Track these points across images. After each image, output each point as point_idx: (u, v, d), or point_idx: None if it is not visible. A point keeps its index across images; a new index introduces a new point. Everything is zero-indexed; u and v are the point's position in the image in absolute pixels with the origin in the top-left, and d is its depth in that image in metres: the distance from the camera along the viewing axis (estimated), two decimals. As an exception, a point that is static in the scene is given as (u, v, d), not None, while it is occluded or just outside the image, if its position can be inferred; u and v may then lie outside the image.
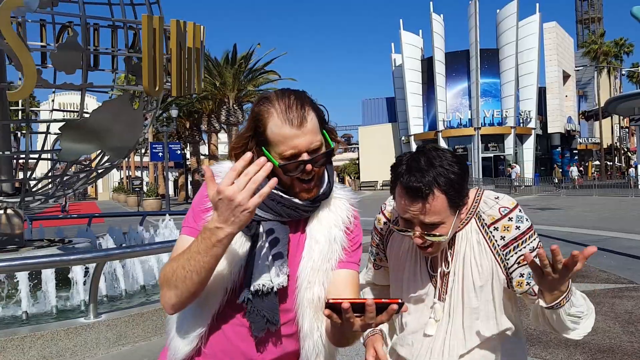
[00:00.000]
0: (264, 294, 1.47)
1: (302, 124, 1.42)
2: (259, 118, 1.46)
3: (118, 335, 4.98)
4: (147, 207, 31.17)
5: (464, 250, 1.63)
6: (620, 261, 8.75)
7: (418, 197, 1.47)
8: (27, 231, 9.32)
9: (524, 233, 1.57)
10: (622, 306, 5.96)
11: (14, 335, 4.54)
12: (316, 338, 1.54)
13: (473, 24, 45.30)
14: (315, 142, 1.45)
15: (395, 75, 51.41)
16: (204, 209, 1.51)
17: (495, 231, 1.59)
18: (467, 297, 1.61)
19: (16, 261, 4.96)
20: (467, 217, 1.64)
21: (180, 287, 1.38)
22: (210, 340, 1.53)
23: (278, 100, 1.45)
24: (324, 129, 1.51)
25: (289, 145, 1.42)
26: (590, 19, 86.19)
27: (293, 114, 1.42)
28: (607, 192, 29.87)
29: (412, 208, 1.49)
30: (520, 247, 1.57)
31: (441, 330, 1.64)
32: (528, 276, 1.55)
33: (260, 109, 1.47)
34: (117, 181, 60.51)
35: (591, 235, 12.11)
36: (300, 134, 1.42)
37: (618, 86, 66.91)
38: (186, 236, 1.52)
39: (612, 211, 19.02)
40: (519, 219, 1.58)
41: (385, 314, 1.19)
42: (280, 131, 1.42)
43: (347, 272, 1.57)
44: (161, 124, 34.98)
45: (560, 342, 4.80)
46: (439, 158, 1.49)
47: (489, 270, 1.59)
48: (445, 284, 1.65)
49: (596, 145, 61.64)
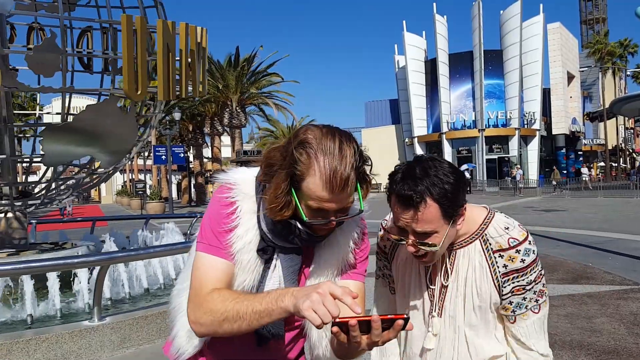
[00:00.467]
0: None
1: (344, 190, 1.34)
2: (297, 166, 1.34)
3: (122, 338, 4.98)
4: (150, 210, 31.27)
5: (465, 269, 1.64)
6: (626, 263, 8.71)
7: (409, 205, 1.47)
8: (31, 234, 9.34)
9: (528, 266, 1.60)
10: (627, 308, 5.93)
11: (19, 338, 4.55)
12: (325, 346, 1.56)
13: (477, 25, 45.28)
14: (348, 203, 1.40)
15: (399, 77, 51.44)
16: (226, 230, 1.47)
17: (500, 258, 1.61)
18: (467, 316, 1.64)
19: (21, 264, 4.98)
20: (472, 238, 1.65)
21: (224, 327, 1.36)
22: (215, 344, 1.55)
23: (323, 155, 1.33)
24: (360, 184, 1.41)
25: (321, 205, 1.36)
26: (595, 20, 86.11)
27: (338, 176, 1.31)
28: (612, 194, 29.76)
29: (404, 216, 1.49)
30: (519, 279, 1.60)
31: (447, 346, 1.67)
32: (516, 305, 1.63)
33: (300, 157, 1.34)
34: (120, 184, 60.61)
35: (596, 236, 12.06)
36: (337, 199, 1.36)
37: (623, 87, 66.73)
38: (211, 256, 1.47)
39: (618, 212, 18.95)
40: (527, 252, 1.59)
41: (392, 331, 1.18)
42: (317, 192, 1.34)
43: (353, 284, 1.57)
44: (164, 127, 35.00)
45: (564, 343, 4.78)
46: (434, 168, 1.49)
47: (487, 293, 1.63)
48: (442, 298, 1.66)
49: (601, 146, 61.44)
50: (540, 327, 1.66)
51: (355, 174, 1.36)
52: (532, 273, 1.61)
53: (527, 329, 1.64)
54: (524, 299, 1.62)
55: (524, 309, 1.63)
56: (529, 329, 1.64)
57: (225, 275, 1.47)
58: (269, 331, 1.51)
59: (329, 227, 1.45)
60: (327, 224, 1.41)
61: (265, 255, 1.50)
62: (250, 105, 39.30)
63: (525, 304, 1.63)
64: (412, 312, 1.72)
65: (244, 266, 1.49)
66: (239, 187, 1.52)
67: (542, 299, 1.65)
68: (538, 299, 1.64)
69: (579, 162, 55.99)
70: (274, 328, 1.51)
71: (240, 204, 1.50)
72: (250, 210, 1.50)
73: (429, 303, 1.69)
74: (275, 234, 1.47)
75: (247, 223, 1.49)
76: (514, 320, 1.65)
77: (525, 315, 1.63)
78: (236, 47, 37.75)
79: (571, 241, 11.28)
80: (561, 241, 11.34)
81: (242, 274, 1.48)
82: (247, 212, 1.49)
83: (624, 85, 67.96)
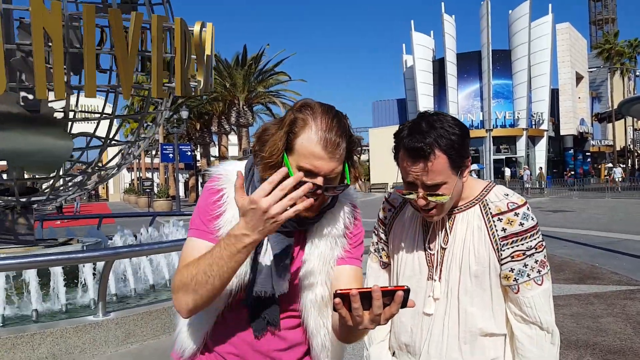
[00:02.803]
0: (267, 298, 1.50)
1: (335, 151, 1.39)
2: (294, 124, 1.42)
3: (127, 334, 4.99)
4: (157, 208, 31.34)
5: (463, 233, 1.64)
6: (632, 263, 8.66)
7: (420, 157, 1.50)
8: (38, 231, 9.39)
9: (526, 231, 1.59)
10: (634, 308, 5.89)
11: (24, 332, 4.57)
12: (323, 335, 1.57)
13: (485, 24, 45.14)
14: (336, 172, 1.43)
15: (406, 76, 51.36)
16: (214, 216, 1.52)
17: (499, 222, 1.60)
18: (463, 280, 1.62)
19: (26, 258, 5.00)
20: (472, 203, 1.66)
21: (200, 291, 1.38)
22: (216, 336, 1.57)
23: (320, 116, 1.41)
24: (348, 162, 1.49)
25: (312, 164, 1.39)
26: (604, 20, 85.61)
27: (331, 136, 1.39)
28: (620, 195, 29.57)
29: (414, 169, 1.52)
30: (518, 243, 1.59)
31: (439, 310, 1.64)
32: (517, 272, 1.59)
33: (299, 117, 1.42)
34: (128, 182, 60.86)
35: (603, 237, 11.99)
36: (327, 159, 1.39)
37: (632, 87, 66.22)
38: (196, 239, 1.52)
39: (625, 213, 18.83)
40: (525, 216, 1.59)
41: (393, 305, 1.17)
42: (311, 147, 1.39)
43: (350, 268, 1.58)
44: (172, 126, 35.11)
45: (570, 342, 4.75)
46: (439, 121, 1.53)
47: (485, 258, 1.61)
48: (440, 262, 1.65)
49: (609, 147, 61.07)
50: (546, 300, 1.61)
51: (346, 140, 1.43)
52: (532, 239, 1.59)
53: (532, 299, 1.59)
54: (525, 265, 1.59)
55: (526, 277, 1.60)
56: (534, 299, 1.59)
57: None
58: (263, 317, 1.52)
59: (316, 201, 1.45)
60: (313, 192, 1.41)
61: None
62: (257, 104, 39.32)
63: (527, 272, 1.59)
64: (409, 279, 1.70)
65: None
66: (227, 176, 1.56)
67: (545, 270, 1.62)
68: (540, 270, 1.61)
69: (586, 163, 55.70)
70: (269, 315, 1.52)
71: (227, 191, 1.53)
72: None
73: (427, 268, 1.68)
74: None
75: (234, 209, 1.48)
76: (517, 290, 1.61)
77: (529, 285, 1.60)
78: (244, 46, 37.93)
79: (578, 241, 11.21)
80: (568, 241, 11.28)
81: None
82: (234, 200, 1.49)
83: (633, 86, 67.44)
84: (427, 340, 1.65)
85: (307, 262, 1.56)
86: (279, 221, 1.26)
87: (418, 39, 48.48)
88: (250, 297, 1.50)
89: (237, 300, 1.53)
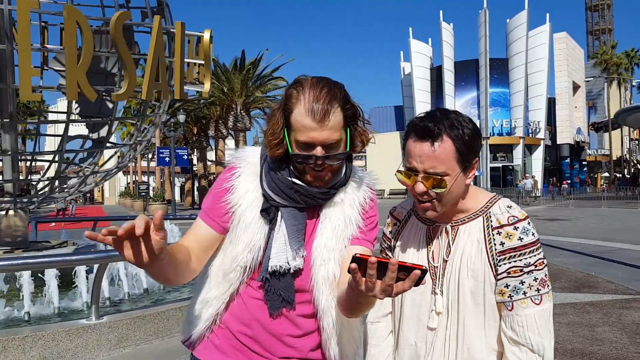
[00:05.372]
0: (280, 274, 1.54)
1: (324, 119, 1.44)
2: (287, 99, 1.50)
3: (119, 338, 4.95)
4: (153, 212, 31.10)
5: (463, 244, 1.60)
6: (628, 272, 8.64)
7: (427, 136, 1.47)
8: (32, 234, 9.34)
9: (525, 246, 1.52)
10: (630, 317, 5.87)
11: (15, 335, 4.52)
12: (335, 314, 1.57)
13: (483, 33, 45.30)
14: (332, 139, 1.47)
15: (404, 83, 51.43)
16: (222, 190, 1.60)
17: (498, 235, 1.55)
18: (461, 294, 1.58)
19: (19, 260, 4.96)
20: (475, 214, 1.62)
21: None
22: (230, 315, 1.60)
23: (309, 89, 1.48)
24: (350, 129, 1.53)
25: (306, 136, 1.46)
26: (601, 30, 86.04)
27: (318, 106, 1.44)
28: (617, 204, 29.64)
29: (419, 149, 1.48)
30: (516, 259, 1.52)
31: (442, 324, 1.61)
32: (512, 289, 1.52)
33: (291, 93, 1.50)
34: (123, 186, 60.69)
35: (599, 246, 11.98)
36: (318, 129, 1.45)
37: (628, 98, 66.53)
38: (199, 220, 1.61)
39: (621, 222, 18.85)
40: (525, 231, 1.53)
41: (407, 281, 1.14)
42: (301, 120, 1.46)
43: (360, 249, 1.59)
44: (168, 129, 35.05)
45: (566, 351, 4.73)
46: (454, 113, 1.53)
47: (480, 271, 1.55)
48: (442, 275, 1.61)
49: (605, 157, 61.26)
50: (542, 322, 1.51)
51: (340, 110, 1.48)
52: (531, 256, 1.51)
53: (525, 318, 1.50)
54: (522, 282, 1.51)
55: (521, 295, 1.51)
56: (527, 319, 1.50)
57: (200, 237, 1.58)
58: (279, 295, 1.55)
59: (318, 170, 1.50)
60: (314, 164, 1.49)
61: (268, 215, 1.56)
62: (255, 108, 39.29)
63: (524, 290, 1.51)
64: (413, 292, 1.61)
65: (249, 222, 1.57)
66: (242, 155, 1.66)
67: (545, 290, 1.52)
68: (540, 289, 1.51)
69: (583, 172, 55.82)
70: (284, 292, 1.55)
71: (241, 170, 1.62)
72: (252, 174, 1.61)
73: (430, 281, 1.63)
74: (276, 192, 1.56)
75: (248, 184, 1.60)
76: (511, 307, 1.52)
77: (524, 303, 1.50)
78: (242, 51, 37.96)
79: (574, 250, 11.20)
80: (564, 250, 11.26)
81: (249, 230, 1.56)
82: (248, 176, 1.61)
83: (629, 96, 67.76)
84: (430, 355, 1.61)
85: (320, 238, 1.58)
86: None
87: (416, 47, 48.58)
88: (266, 273, 1.54)
89: (252, 279, 1.57)
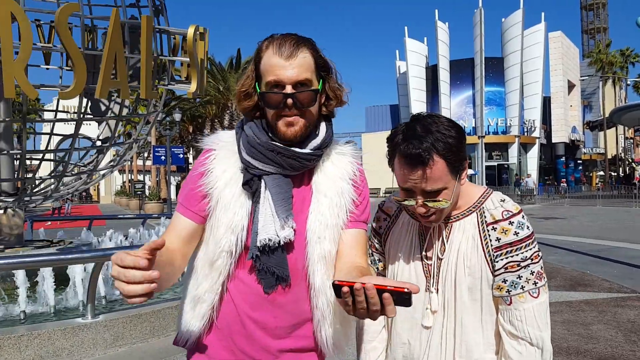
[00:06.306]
0: (271, 249, 1.47)
1: (291, 56, 1.44)
2: (258, 52, 1.52)
3: (115, 336, 4.94)
4: (148, 210, 31.13)
5: (458, 241, 1.58)
6: (623, 270, 8.68)
7: (418, 163, 1.43)
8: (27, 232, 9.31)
9: (521, 240, 1.51)
10: (625, 315, 5.90)
11: (11, 334, 4.51)
12: (330, 294, 1.50)
13: (478, 32, 45.35)
14: (301, 76, 1.46)
15: (400, 82, 51.49)
16: (197, 174, 1.55)
17: (493, 231, 1.54)
18: (458, 292, 1.56)
19: (14, 259, 4.94)
20: (469, 210, 1.60)
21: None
22: (221, 313, 1.53)
23: (278, 37, 1.50)
24: (323, 81, 1.53)
25: (274, 74, 1.45)
26: (596, 29, 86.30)
27: (285, 47, 1.45)
28: (612, 202, 29.74)
29: (412, 176, 1.46)
30: (512, 254, 1.51)
31: (437, 322, 1.58)
32: (510, 284, 1.51)
33: (262, 44, 1.51)
34: (119, 184, 60.51)
35: (594, 244, 12.03)
36: (286, 65, 1.44)
37: (623, 97, 66.74)
38: (178, 214, 1.55)
39: (616, 221, 18.93)
40: (520, 225, 1.52)
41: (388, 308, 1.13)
42: (269, 61, 1.46)
43: (355, 232, 1.58)
44: (164, 128, 34.99)
45: (561, 349, 4.75)
46: (435, 124, 1.48)
47: (477, 268, 1.54)
48: (437, 273, 1.59)
49: (600, 155, 61.45)
50: (541, 315, 1.51)
51: (310, 55, 1.48)
52: (527, 249, 1.51)
53: (524, 312, 1.50)
54: (519, 277, 1.51)
55: (519, 289, 1.51)
56: (526, 313, 1.50)
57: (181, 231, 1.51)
58: (272, 273, 1.49)
59: (287, 106, 1.46)
60: (284, 103, 1.45)
61: (251, 189, 1.50)
62: (250, 107, 39.27)
63: (522, 284, 1.51)
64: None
65: (228, 201, 1.50)
66: (217, 137, 1.62)
67: (541, 283, 1.53)
68: (536, 282, 1.52)
69: (578, 171, 55.99)
70: (278, 268, 1.49)
71: (217, 152, 1.57)
72: (229, 152, 1.57)
73: (424, 279, 1.60)
74: (256, 157, 1.51)
75: (225, 163, 1.55)
76: (509, 302, 1.52)
77: (522, 297, 1.51)
78: (237, 50, 37.89)
79: (569, 248, 11.23)
80: (559, 248, 11.29)
81: (229, 209, 1.49)
82: (225, 155, 1.57)
83: (624, 94, 67.98)
84: (426, 353, 1.59)
85: (314, 213, 1.53)
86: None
87: (411, 46, 48.61)
88: (255, 249, 1.47)
89: (241, 262, 1.50)
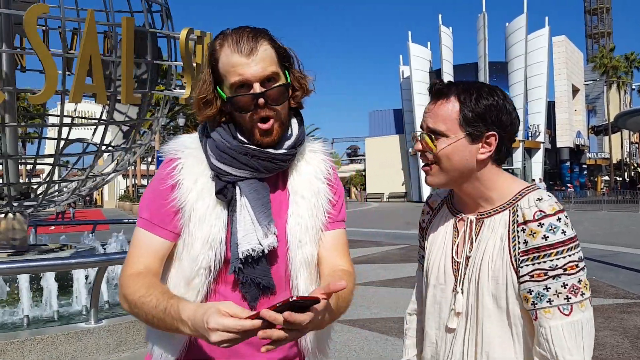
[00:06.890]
0: (254, 260, 1.39)
1: (252, 52, 1.36)
2: (212, 54, 1.41)
3: (118, 341, 4.93)
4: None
5: (486, 240, 1.45)
6: (630, 276, 8.64)
7: (435, 96, 1.46)
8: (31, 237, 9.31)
9: (551, 246, 1.31)
10: (631, 321, 5.85)
11: (14, 339, 4.51)
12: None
13: (482, 36, 45.32)
14: (267, 71, 1.37)
15: (403, 87, 51.43)
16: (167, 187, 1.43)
17: (522, 232, 1.36)
18: (481, 295, 1.42)
19: (18, 263, 4.94)
20: (502, 207, 1.46)
21: (141, 317, 1.34)
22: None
23: (231, 33, 1.40)
24: (287, 69, 1.44)
25: (237, 73, 1.36)
26: (600, 34, 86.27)
27: (243, 42, 1.36)
28: (617, 207, 29.62)
29: (427, 108, 1.49)
30: (540, 260, 1.32)
31: (461, 326, 1.47)
32: (536, 296, 1.33)
33: (214, 44, 1.41)
34: (123, 189, 60.62)
35: (600, 250, 11.97)
36: (249, 62, 1.35)
37: (628, 101, 66.66)
38: (144, 231, 1.44)
39: (622, 226, 18.84)
40: (552, 228, 1.32)
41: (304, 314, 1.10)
42: (228, 60, 1.37)
43: (335, 233, 1.55)
44: (168, 133, 35.10)
45: (567, 356, 4.71)
46: (486, 86, 1.49)
47: (501, 273, 1.39)
48: (464, 272, 1.48)
49: (605, 160, 61.29)
50: (571, 335, 1.30)
51: (270, 47, 1.39)
52: (558, 257, 1.31)
53: (549, 330, 1.30)
54: (546, 288, 1.31)
55: (546, 303, 1.31)
56: (552, 331, 1.30)
57: (159, 253, 1.43)
58: (257, 284, 1.41)
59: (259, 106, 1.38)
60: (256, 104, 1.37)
61: (225, 197, 1.41)
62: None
63: (549, 297, 1.31)
64: (434, 288, 1.55)
65: (202, 213, 1.40)
66: (179, 143, 1.51)
67: (576, 299, 1.31)
68: (570, 296, 1.31)
69: (582, 176, 55.83)
70: (262, 278, 1.41)
71: (183, 160, 1.46)
72: (195, 160, 1.46)
73: (452, 278, 1.49)
74: (229, 162, 1.42)
75: (195, 172, 1.44)
76: (535, 316, 1.33)
77: (549, 313, 1.31)
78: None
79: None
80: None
81: (205, 223, 1.40)
82: (192, 165, 1.46)
83: (629, 99, 67.89)
84: (449, 357, 1.48)
85: (294, 215, 1.48)
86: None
87: (415, 50, 48.60)
88: (237, 262, 1.38)
89: (221, 278, 1.42)
